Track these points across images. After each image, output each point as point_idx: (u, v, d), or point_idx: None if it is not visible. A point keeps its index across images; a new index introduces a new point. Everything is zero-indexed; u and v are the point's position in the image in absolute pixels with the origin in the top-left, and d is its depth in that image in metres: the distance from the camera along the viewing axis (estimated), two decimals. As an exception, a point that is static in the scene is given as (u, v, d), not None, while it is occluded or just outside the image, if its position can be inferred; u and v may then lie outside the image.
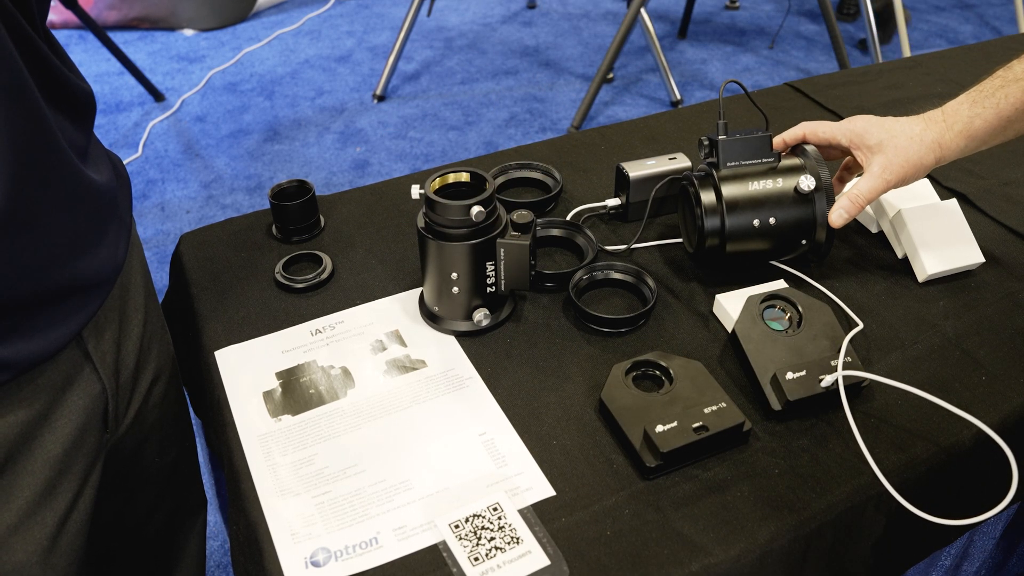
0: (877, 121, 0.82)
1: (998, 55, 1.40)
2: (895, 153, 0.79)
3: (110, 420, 0.70)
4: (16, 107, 0.51)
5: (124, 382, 0.71)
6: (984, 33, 3.37)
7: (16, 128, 0.51)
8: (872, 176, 0.80)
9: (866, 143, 0.81)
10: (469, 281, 0.78)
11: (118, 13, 3.21)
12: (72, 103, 0.60)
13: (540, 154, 1.10)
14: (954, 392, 0.75)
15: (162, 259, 2.08)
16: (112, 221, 0.65)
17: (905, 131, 0.79)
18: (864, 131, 0.81)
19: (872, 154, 0.81)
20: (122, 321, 0.70)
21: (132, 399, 0.73)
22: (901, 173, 0.79)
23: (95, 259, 0.62)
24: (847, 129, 0.83)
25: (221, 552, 1.39)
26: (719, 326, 0.83)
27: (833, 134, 0.84)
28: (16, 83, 0.51)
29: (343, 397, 0.75)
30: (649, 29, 2.65)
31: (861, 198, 0.81)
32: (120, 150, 2.54)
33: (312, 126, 2.65)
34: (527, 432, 0.71)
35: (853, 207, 0.81)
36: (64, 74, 0.59)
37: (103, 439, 0.70)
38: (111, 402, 0.69)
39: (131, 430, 0.74)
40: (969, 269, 0.88)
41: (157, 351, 0.77)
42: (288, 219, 0.93)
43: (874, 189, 0.80)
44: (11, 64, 0.51)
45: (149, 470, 0.80)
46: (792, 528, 0.64)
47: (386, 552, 0.62)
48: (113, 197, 0.65)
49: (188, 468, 0.89)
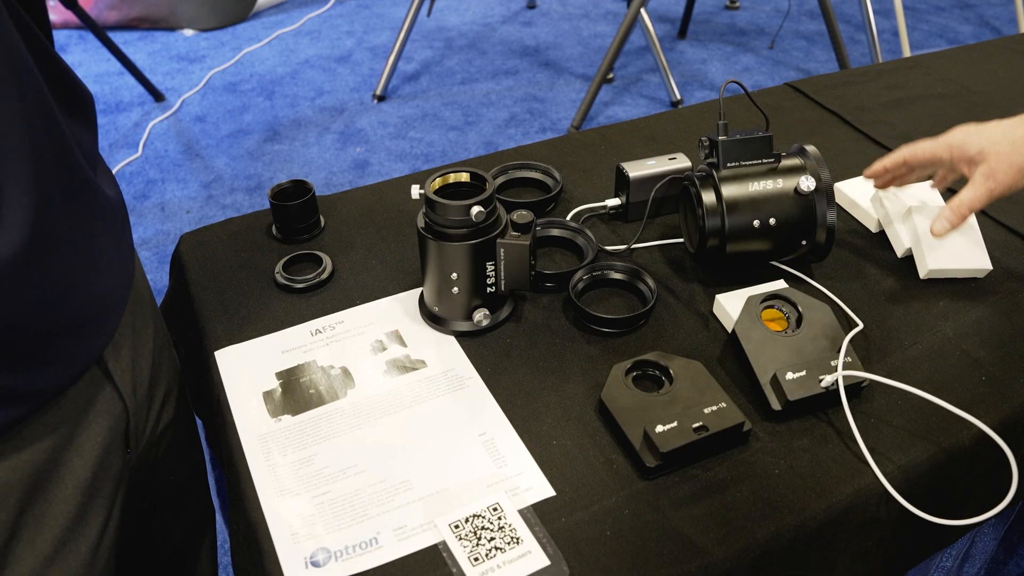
0: (976, 130, 0.79)
1: (998, 55, 1.41)
2: (997, 160, 0.76)
3: (131, 439, 0.68)
4: (37, 117, 0.50)
5: (141, 399, 0.69)
6: (984, 33, 3.37)
7: (39, 144, 0.50)
8: (975, 186, 0.78)
9: (967, 155, 0.79)
10: (469, 281, 0.78)
11: (118, 13, 3.21)
12: (81, 109, 0.60)
13: (540, 154, 1.10)
14: (954, 392, 0.75)
15: (162, 259, 2.08)
16: (124, 234, 0.64)
17: (1007, 135, 0.77)
18: (963, 142, 0.79)
19: (975, 165, 0.78)
20: (134, 337, 0.69)
21: (149, 415, 0.72)
22: (1006, 180, 0.77)
23: (111, 275, 0.61)
24: (946, 144, 0.80)
25: (221, 552, 1.39)
26: (719, 326, 0.82)
27: (934, 152, 0.81)
28: (34, 92, 0.50)
29: (343, 397, 0.75)
30: (649, 29, 2.65)
31: (964, 207, 0.78)
32: (120, 150, 2.54)
33: (312, 126, 2.65)
34: (527, 432, 0.71)
35: (955, 218, 0.79)
36: (73, 79, 0.58)
37: (126, 459, 0.68)
38: (132, 420, 0.68)
39: (148, 448, 0.72)
40: (976, 276, 0.88)
41: (167, 364, 0.76)
42: (288, 219, 0.93)
43: (977, 199, 0.78)
44: (29, 73, 0.50)
45: (164, 487, 0.79)
46: (792, 528, 0.64)
47: (386, 552, 0.62)
48: (123, 209, 0.65)
49: (199, 481, 0.88)
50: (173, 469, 0.79)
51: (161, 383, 0.74)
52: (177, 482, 0.81)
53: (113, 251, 0.62)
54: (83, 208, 0.57)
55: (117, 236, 0.63)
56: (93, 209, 0.58)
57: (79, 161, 0.56)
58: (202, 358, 0.81)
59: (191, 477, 0.85)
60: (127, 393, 0.66)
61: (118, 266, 0.63)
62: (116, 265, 0.62)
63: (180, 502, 0.83)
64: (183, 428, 0.80)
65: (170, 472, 0.79)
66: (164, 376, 0.75)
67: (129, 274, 0.65)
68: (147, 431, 0.72)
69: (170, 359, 0.78)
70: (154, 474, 0.76)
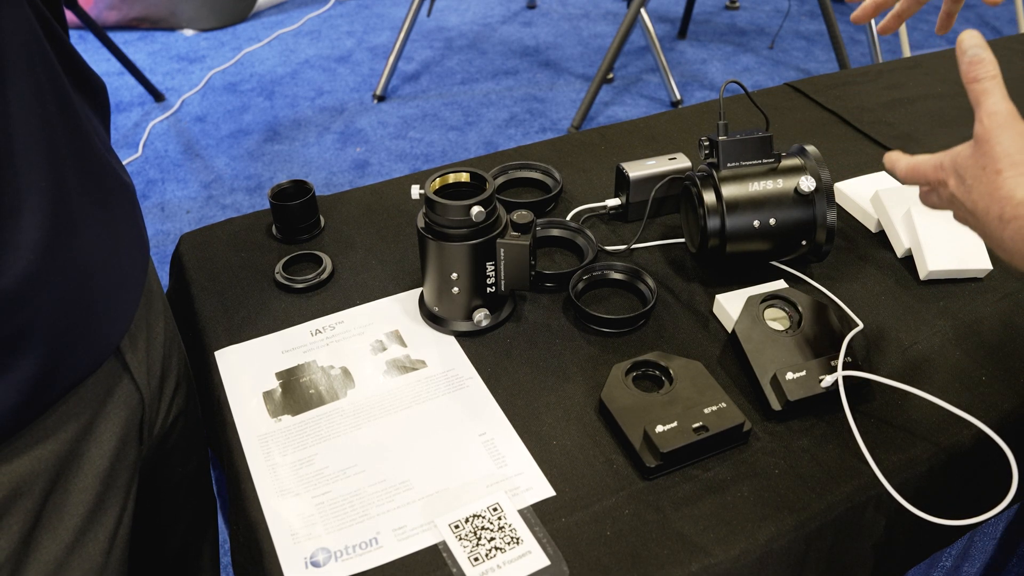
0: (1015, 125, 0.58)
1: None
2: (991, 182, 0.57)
3: (145, 430, 0.69)
4: (51, 101, 0.51)
5: (154, 389, 0.70)
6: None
7: (57, 131, 0.51)
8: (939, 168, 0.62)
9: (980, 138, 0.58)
10: (469, 281, 0.78)
11: (118, 13, 3.21)
12: (95, 96, 0.60)
13: (540, 154, 1.10)
14: (954, 392, 0.75)
15: (162, 259, 2.08)
16: (138, 219, 0.65)
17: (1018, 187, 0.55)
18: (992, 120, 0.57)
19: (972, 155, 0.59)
20: (147, 328, 0.69)
21: (160, 407, 0.72)
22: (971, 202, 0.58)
23: (129, 258, 0.62)
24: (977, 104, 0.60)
25: (221, 552, 1.39)
26: (719, 326, 0.82)
27: None
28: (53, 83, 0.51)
29: (343, 397, 0.75)
30: (649, 29, 2.65)
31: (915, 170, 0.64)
32: (120, 150, 2.54)
33: (312, 126, 2.65)
34: (527, 432, 0.71)
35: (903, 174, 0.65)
36: (86, 66, 0.59)
37: (140, 450, 0.69)
38: (147, 411, 0.68)
39: (158, 441, 0.73)
40: (976, 276, 0.88)
41: (177, 356, 0.76)
42: (288, 219, 0.93)
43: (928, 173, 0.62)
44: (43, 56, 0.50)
45: (173, 480, 0.79)
46: (792, 528, 0.64)
47: (386, 552, 0.62)
48: (135, 193, 0.65)
49: (204, 475, 0.88)
50: (181, 462, 0.80)
51: (171, 374, 0.74)
52: (184, 474, 0.81)
53: (129, 236, 0.62)
54: (101, 192, 0.57)
55: (132, 221, 0.63)
56: (110, 193, 0.58)
57: (95, 145, 0.56)
58: (202, 358, 0.81)
59: (197, 470, 0.85)
60: (143, 384, 0.67)
61: (135, 250, 0.63)
62: (134, 249, 0.63)
63: (187, 495, 0.84)
64: (191, 421, 0.81)
65: (178, 464, 0.79)
66: (174, 368, 0.75)
67: (145, 259, 0.65)
68: (158, 422, 0.72)
69: (179, 351, 0.78)
70: (163, 466, 0.76)
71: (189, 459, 0.82)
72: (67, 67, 0.55)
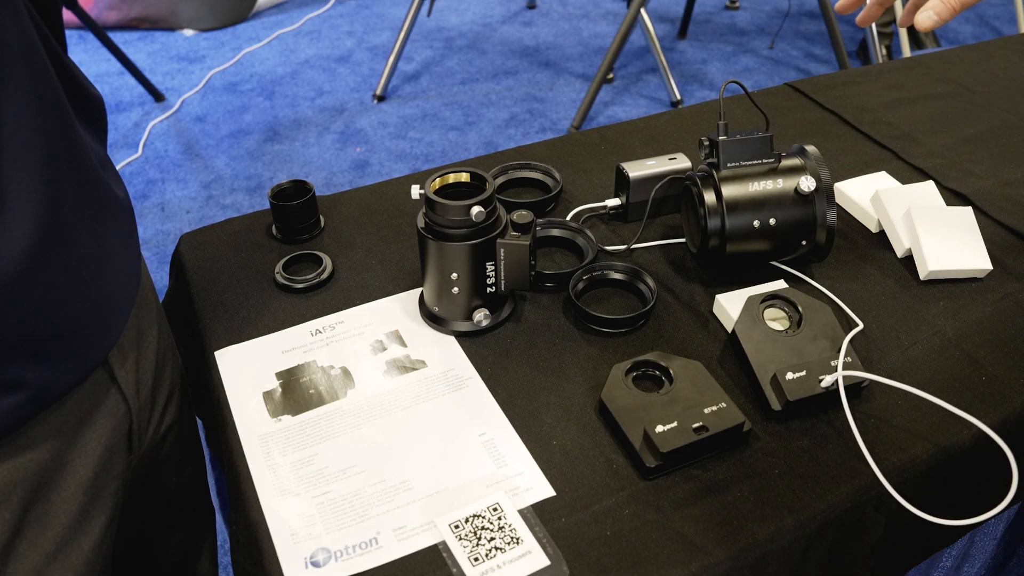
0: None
1: (998, 55, 1.41)
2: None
3: (134, 441, 0.69)
4: (51, 116, 0.51)
5: (144, 400, 0.70)
6: (984, 33, 3.37)
7: (53, 141, 0.50)
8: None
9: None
10: (469, 281, 0.78)
11: (118, 13, 3.21)
12: (92, 111, 0.60)
13: (540, 154, 1.10)
14: (954, 392, 0.75)
15: (162, 259, 2.08)
16: (132, 236, 0.65)
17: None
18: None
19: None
20: (139, 340, 0.69)
21: (151, 417, 0.72)
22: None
23: (120, 275, 0.61)
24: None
25: (221, 552, 1.39)
26: (719, 326, 0.83)
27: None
28: (51, 95, 0.51)
29: (343, 397, 0.75)
30: (649, 29, 2.65)
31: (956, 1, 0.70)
32: (120, 150, 2.54)
33: (312, 126, 2.65)
34: (527, 432, 0.71)
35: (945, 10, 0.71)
36: (83, 81, 0.59)
37: (129, 461, 0.68)
38: (135, 422, 0.68)
39: (151, 450, 0.73)
40: (976, 276, 0.88)
41: (171, 366, 0.76)
42: (288, 219, 0.93)
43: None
44: (45, 71, 0.50)
45: (167, 489, 0.79)
46: (792, 528, 0.64)
47: (386, 552, 0.62)
48: (131, 210, 0.65)
49: (201, 482, 0.88)
50: (175, 470, 0.79)
51: (164, 385, 0.74)
52: (179, 483, 0.81)
53: (122, 252, 0.62)
54: (94, 207, 0.57)
55: (126, 237, 0.63)
56: (103, 209, 0.58)
57: (91, 161, 0.56)
58: (202, 358, 0.81)
59: (193, 478, 0.85)
60: (131, 396, 0.67)
61: (127, 267, 0.63)
62: (125, 265, 0.62)
63: (182, 503, 0.84)
64: (186, 429, 0.81)
65: (172, 473, 0.79)
66: (167, 378, 0.75)
67: (136, 276, 0.65)
68: (150, 432, 0.72)
69: (174, 360, 0.78)
70: (157, 475, 0.76)
71: (184, 467, 0.81)
72: (65, 81, 0.55)
